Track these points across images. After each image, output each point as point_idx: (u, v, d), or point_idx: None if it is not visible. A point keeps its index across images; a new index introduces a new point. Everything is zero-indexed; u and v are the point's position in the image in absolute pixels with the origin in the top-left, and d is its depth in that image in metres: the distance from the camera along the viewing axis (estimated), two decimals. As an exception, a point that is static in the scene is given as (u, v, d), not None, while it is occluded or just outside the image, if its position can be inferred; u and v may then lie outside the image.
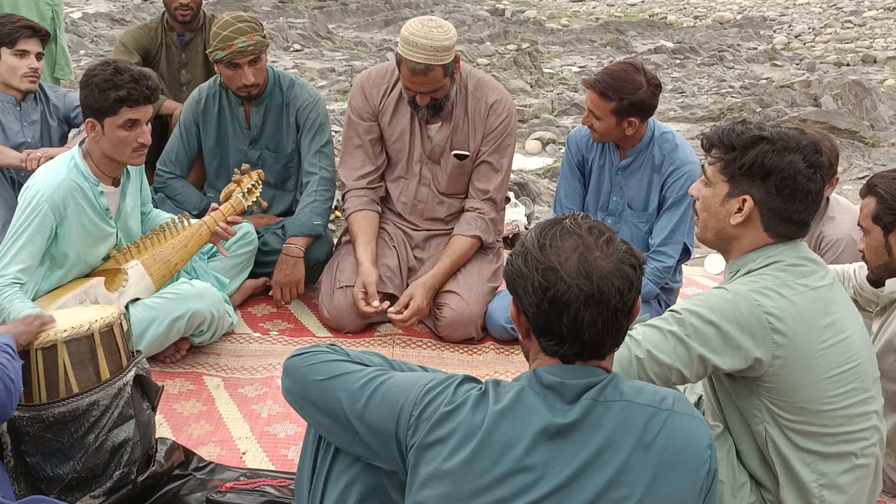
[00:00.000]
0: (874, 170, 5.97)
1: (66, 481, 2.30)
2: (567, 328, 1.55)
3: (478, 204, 3.63)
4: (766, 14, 15.14)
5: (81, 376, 2.32)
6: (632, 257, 1.58)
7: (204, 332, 3.27)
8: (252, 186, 3.50)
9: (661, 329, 1.98)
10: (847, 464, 2.02)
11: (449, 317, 3.49)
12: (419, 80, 3.34)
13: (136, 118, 2.93)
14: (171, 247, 3.24)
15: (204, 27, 4.59)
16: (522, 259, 1.60)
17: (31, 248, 2.89)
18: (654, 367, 1.95)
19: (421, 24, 3.33)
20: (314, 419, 1.84)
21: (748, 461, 2.10)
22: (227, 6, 12.82)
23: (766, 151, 1.98)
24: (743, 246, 2.06)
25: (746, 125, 2.06)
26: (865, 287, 2.71)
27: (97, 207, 3.05)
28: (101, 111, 2.90)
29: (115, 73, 2.89)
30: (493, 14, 14.87)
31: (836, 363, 1.97)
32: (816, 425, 1.99)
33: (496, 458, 1.54)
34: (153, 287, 3.19)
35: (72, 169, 2.98)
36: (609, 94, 3.21)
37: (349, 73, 9.61)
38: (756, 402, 2.01)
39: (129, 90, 2.88)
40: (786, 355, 1.93)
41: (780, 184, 1.97)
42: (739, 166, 2.00)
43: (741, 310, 1.93)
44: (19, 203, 2.95)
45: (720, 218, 2.06)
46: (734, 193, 2.02)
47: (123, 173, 3.14)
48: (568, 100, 8.50)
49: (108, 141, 2.96)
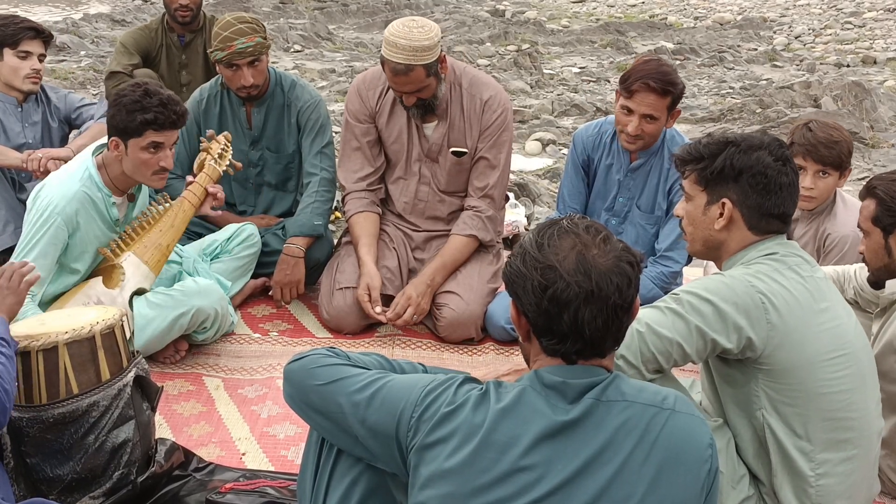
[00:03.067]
0: (874, 171, 5.98)
1: (66, 482, 2.31)
2: (568, 326, 1.56)
3: (475, 202, 3.64)
4: (767, 15, 15.14)
5: (82, 378, 2.32)
6: (629, 255, 1.60)
7: (207, 330, 3.27)
8: (222, 150, 3.48)
9: (659, 307, 2.04)
10: (844, 452, 2.05)
11: (449, 317, 3.50)
12: (401, 80, 3.35)
13: (161, 141, 2.95)
14: (158, 230, 3.23)
15: (204, 28, 4.60)
16: (521, 259, 1.61)
17: (42, 260, 2.88)
18: (654, 340, 1.99)
19: (403, 24, 3.34)
20: (316, 423, 1.84)
21: (744, 453, 2.13)
22: (228, 7, 12.83)
23: (732, 153, 2.07)
24: (731, 248, 2.12)
25: (711, 136, 2.16)
26: (866, 288, 2.71)
27: (107, 218, 3.06)
28: (127, 132, 2.92)
29: (145, 95, 2.91)
30: (493, 15, 14.87)
31: (831, 346, 2.02)
32: (814, 409, 2.02)
33: (497, 457, 1.54)
34: (151, 274, 3.18)
35: (85, 180, 2.98)
36: (669, 90, 3.19)
37: (349, 74, 9.61)
38: (754, 388, 2.05)
39: (156, 114, 2.90)
40: (780, 335, 1.98)
41: (752, 180, 2.06)
42: (711, 172, 2.09)
43: (736, 290, 1.99)
44: (31, 212, 2.94)
45: (704, 227, 2.13)
46: (712, 200, 2.11)
47: (136, 187, 3.16)
48: (568, 100, 8.49)
49: (131, 161, 2.97)
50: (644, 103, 3.21)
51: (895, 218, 2.41)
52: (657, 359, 2.00)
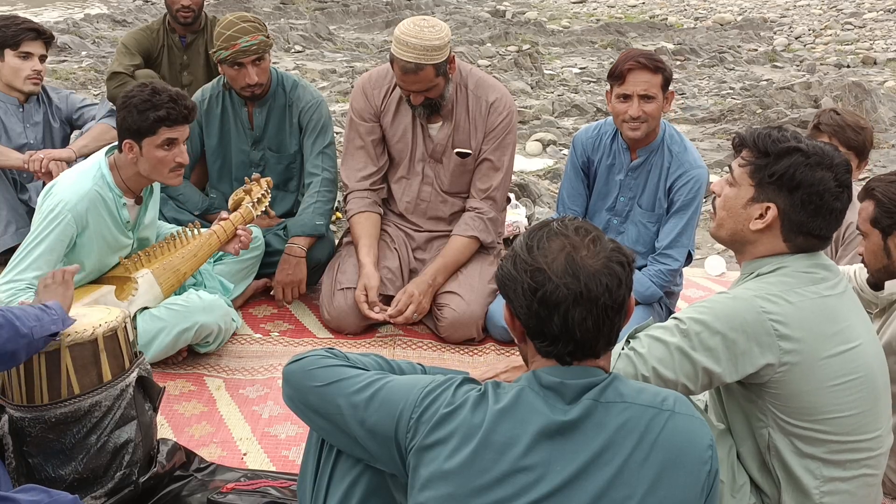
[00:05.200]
0: (874, 171, 5.98)
1: (68, 482, 2.31)
2: (558, 328, 1.56)
3: (477, 203, 3.65)
4: (767, 16, 15.14)
5: (84, 380, 2.32)
6: (620, 255, 1.59)
7: (210, 344, 3.28)
8: (262, 196, 3.52)
9: (666, 343, 1.96)
10: (852, 472, 2.01)
11: (450, 317, 3.50)
12: (410, 79, 3.36)
13: (175, 137, 2.96)
14: (180, 256, 3.24)
15: (205, 29, 4.61)
16: (512, 262, 1.61)
17: (49, 255, 2.88)
18: (658, 384, 1.94)
19: (413, 23, 3.35)
20: (315, 424, 1.85)
21: (748, 465, 2.10)
22: (229, 8, 12.85)
23: (799, 164, 1.95)
24: (758, 251, 2.05)
25: (783, 132, 2.03)
26: (865, 289, 2.71)
27: (118, 220, 3.06)
28: (140, 132, 2.92)
29: (153, 93, 2.92)
30: (493, 15, 14.88)
31: (843, 372, 1.95)
32: (822, 432, 1.98)
33: (496, 457, 1.55)
34: (161, 296, 3.19)
35: (98, 180, 2.98)
36: (660, 66, 3.23)
37: (350, 75, 9.62)
38: (761, 406, 2.00)
39: (168, 110, 2.91)
40: (792, 361, 1.92)
41: (806, 198, 1.96)
42: (770, 174, 1.98)
43: (746, 317, 1.92)
44: (40, 208, 2.94)
45: (740, 220, 2.05)
46: (759, 199, 2.01)
47: (146, 189, 3.16)
48: (569, 101, 8.50)
49: (147, 161, 2.97)
50: (639, 83, 3.21)
51: (893, 219, 2.41)
52: None
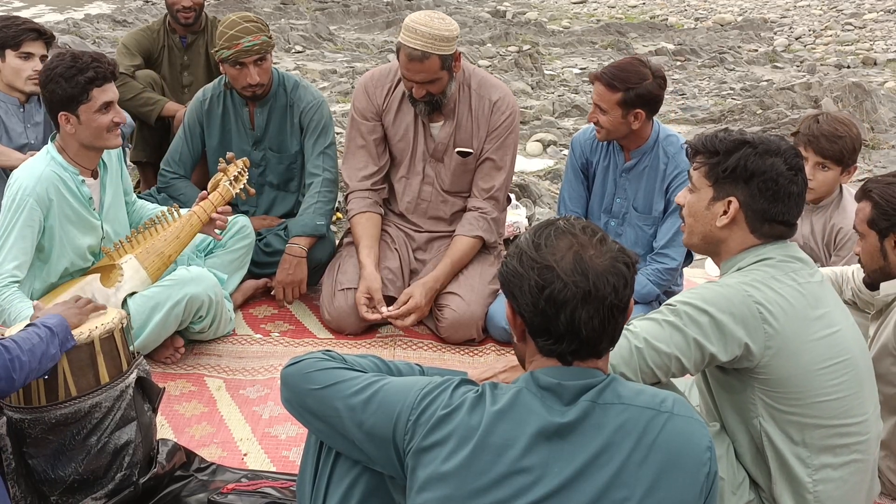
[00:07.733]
0: (874, 172, 5.98)
1: (68, 483, 2.32)
2: (564, 326, 1.56)
3: (480, 203, 3.65)
4: (767, 16, 15.13)
5: (81, 383, 2.33)
6: (625, 256, 1.61)
7: (203, 319, 3.27)
8: (238, 174, 3.51)
9: (656, 320, 2.02)
10: (842, 458, 2.05)
11: (450, 318, 3.51)
12: (415, 67, 3.36)
13: (110, 100, 2.97)
14: (163, 239, 3.26)
15: (206, 29, 4.61)
16: (518, 259, 1.61)
17: (22, 243, 2.92)
18: (653, 356, 1.98)
19: (424, 14, 3.39)
20: (313, 426, 1.86)
21: (742, 459, 2.13)
22: (229, 8, 12.84)
23: (748, 155, 2.05)
24: (731, 248, 2.11)
25: (728, 132, 2.13)
26: (863, 290, 2.72)
27: (80, 197, 3.07)
28: (73, 99, 2.93)
29: (74, 59, 2.94)
30: (494, 16, 14.86)
31: (828, 355, 2.01)
32: (811, 416, 2.02)
33: (494, 459, 1.55)
34: (149, 280, 3.21)
35: (50, 161, 3.01)
36: (616, 85, 3.22)
37: (350, 75, 9.62)
38: (750, 395, 2.05)
39: (94, 70, 2.93)
40: (777, 345, 1.97)
41: (763, 185, 2.04)
42: (723, 170, 2.07)
43: (733, 300, 1.98)
44: (4, 201, 2.98)
45: (706, 221, 2.11)
46: (719, 196, 2.09)
47: (100, 165, 3.16)
48: (569, 101, 8.50)
49: (86, 128, 2.98)
50: (595, 93, 3.30)
51: (890, 221, 2.43)
52: (655, 374, 2.00)
